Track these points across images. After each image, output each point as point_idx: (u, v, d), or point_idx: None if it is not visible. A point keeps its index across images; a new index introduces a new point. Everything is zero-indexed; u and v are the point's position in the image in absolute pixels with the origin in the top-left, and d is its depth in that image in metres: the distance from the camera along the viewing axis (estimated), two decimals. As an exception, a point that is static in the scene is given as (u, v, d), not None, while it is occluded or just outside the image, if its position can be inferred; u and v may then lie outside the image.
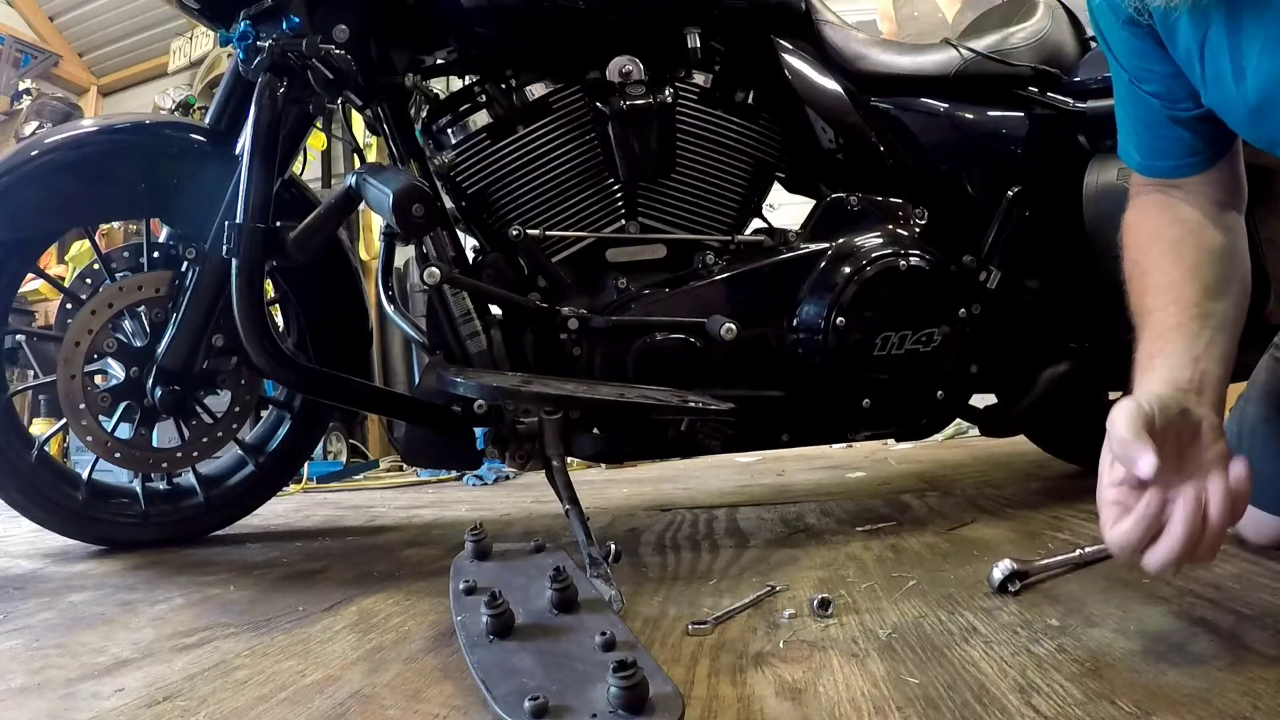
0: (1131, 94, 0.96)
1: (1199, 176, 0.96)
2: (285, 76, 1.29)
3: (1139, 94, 0.94)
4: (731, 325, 1.32)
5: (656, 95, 1.35)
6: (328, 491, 2.81)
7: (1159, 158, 0.97)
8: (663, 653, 0.85)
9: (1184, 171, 0.95)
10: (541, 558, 1.00)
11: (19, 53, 4.68)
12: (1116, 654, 0.75)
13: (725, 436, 1.41)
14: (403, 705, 0.75)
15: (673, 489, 2.20)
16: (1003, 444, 2.28)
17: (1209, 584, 0.93)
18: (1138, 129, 0.97)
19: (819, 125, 1.48)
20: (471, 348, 1.33)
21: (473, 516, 1.91)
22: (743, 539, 1.40)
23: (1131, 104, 0.97)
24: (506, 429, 1.30)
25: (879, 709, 0.68)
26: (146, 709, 0.77)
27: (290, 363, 1.35)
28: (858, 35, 1.53)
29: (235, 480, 1.69)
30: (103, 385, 1.53)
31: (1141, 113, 0.96)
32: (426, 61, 1.44)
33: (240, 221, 1.27)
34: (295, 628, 1.02)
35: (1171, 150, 0.95)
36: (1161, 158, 0.96)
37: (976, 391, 1.51)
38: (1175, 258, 0.92)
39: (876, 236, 1.42)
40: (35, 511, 1.52)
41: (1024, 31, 1.52)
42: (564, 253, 1.40)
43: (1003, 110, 1.50)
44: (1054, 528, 1.28)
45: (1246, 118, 0.83)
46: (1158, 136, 0.95)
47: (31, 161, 1.43)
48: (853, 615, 0.93)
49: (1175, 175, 0.96)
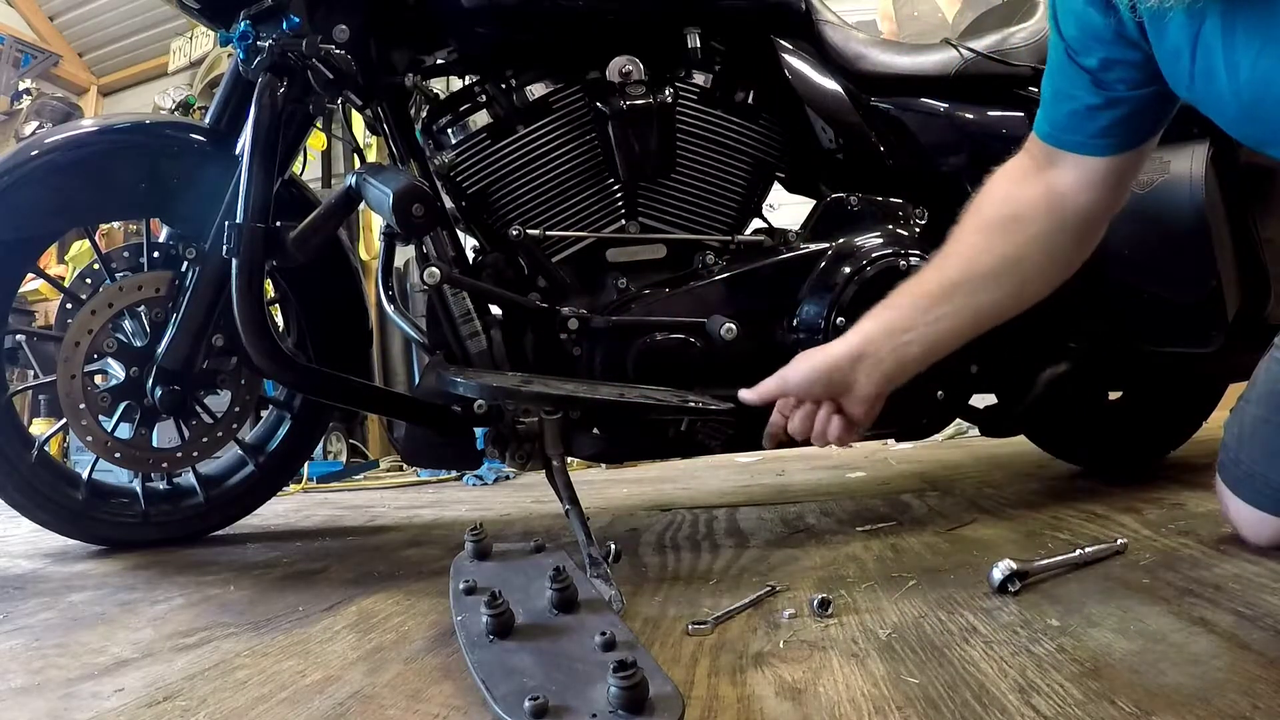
0: (1063, 63, 0.95)
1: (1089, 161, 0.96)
2: (285, 76, 1.29)
3: (1073, 67, 0.94)
4: (731, 325, 1.32)
5: (656, 95, 1.35)
6: (328, 491, 2.81)
7: (1066, 130, 0.97)
8: (663, 653, 0.85)
9: (1085, 149, 0.96)
10: (541, 558, 1.00)
11: (19, 53, 4.68)
12: (1116, 654, 0.75)
13: (725, 436, 1.41)
14: (403, 705, 0.75)
15: (673, 489, 2.20)
16: (1003, 444, 2.28)
17: (1209, 584, 0.93)
18: (1057, 99, 0.97)
19: (819, 125, 1.48)
20: (471, 348, 1.33)
21: (473, 516, 1.91)
22: (743, 539, 1.40)
23: (1059, 73, 0.97)
24: (506, 429, 1.30)
25: (879, 709, 0.68)
26: (146, 709, 0.77)
27: (290, 363, 1.35)
28: (858, 35, 1.53)
29: (235, 480, 1.68)
30: (103, 385, 1.53)
31: (1065, 84, 0.96)
32: (426, 61, 1.44)
33: (240, 221, 1.27)
34: (295, 628, 1.02)
35: (1080, 126, 0.95)
36: (1068, 131, 0.97)
37: (976, 391, 1.51)
38: (968, 235, 1.02)
39: (876, 236, 1.42)
40: (35, 511, 1.52)
41: (1024, 31, 1.52)
42: (564, 253, 1.40)
43: (1003, 110, 1.50)
44: (1054, 528, 1.28)
45: (1237, 116, 0.83)
46: (1073, 111, 0.96)
47: (31, 161, 1.43)
48: (853, 615, 0.93)
49: (1076, 150, 0.96)
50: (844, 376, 1.01)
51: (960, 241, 1.02)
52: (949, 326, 1.00)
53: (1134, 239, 1.31)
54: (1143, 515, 1.31)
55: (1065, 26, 0.93)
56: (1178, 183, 1.25)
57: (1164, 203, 1.26)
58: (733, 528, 1.52)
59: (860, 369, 1.01)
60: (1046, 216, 0.98)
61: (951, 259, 1.02)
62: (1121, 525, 1.25)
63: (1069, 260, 1.02)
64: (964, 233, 1.03)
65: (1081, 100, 0.94)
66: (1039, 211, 0.99)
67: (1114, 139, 0.95)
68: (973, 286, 1.00)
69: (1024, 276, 1.00)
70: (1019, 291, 1.01)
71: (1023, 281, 1.00)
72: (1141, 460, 1.82)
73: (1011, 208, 1.00)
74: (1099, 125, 0.94)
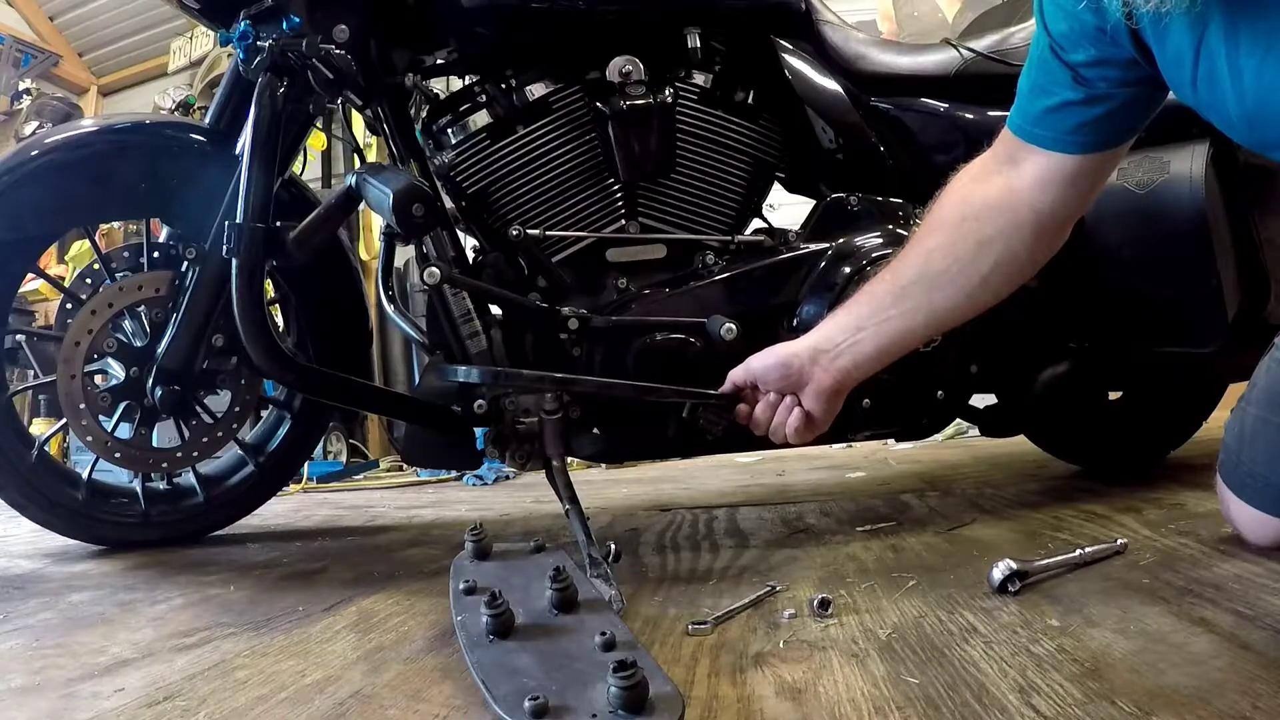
0: (1045, 58, 0.94)
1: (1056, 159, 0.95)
2: (285, 76, 1.29)
3: (1055, 62, 0.93)
4: (732, 325, 1.32)
5: (656, 95, 1.35)
6: (328, 491, 2.81)
7: (1039, 125, 0.96)
8: (663, 653, 0.85)
9: (1057, 145, 0.95)
10: (541, 558, 1.00)
11: (19, 53, 4.68)
12: (1116, 654, 0.75)
13: (726, 422, 1.40)
14: (403, 705, 0.75)
15: (673, 489, 2.20)
16: (1003, 444, 2.28)
17: (1209, 584, 0.93)
18: (1034, 93, 0.96)
19: (819, 125, 1.48)
20: (471, 348, 1.33)
21: (473, 516, 1.91)
22: (743, 539, 1.40)
23: (1038, 69, 0.96)
24: (506, 429, 1.30)
25: (879, 709, 0.68)
26: (146, 709, 0.77)
27: (290, 363, 1.35)
28: (858, 35, 1.53)
29: (235, 480, 1.68)
30: (103, 385, 1.53)
31: (1044, 79, 0.95)
32: (426, 61, 1.44)
33: (240, 221, 1.27)
34: (295, 628, 1.02)
35: (1055, 122, 0.95)
36: (1041, 125, 0.96)
37: (976, 391, 1.51)
38: (925, 234, 1.03)
39: (876, 236, 1.42)
40: (35, 511, 1.52)
41: (1024, 31, 1.52)
42: (564, 253, 1.40)
43: (1003, 110, 1.48)
44: (1054, 528, 1.28)
45: (1241, 120, 0.83)
46: (1048, 106, 0.95)
47: (31, 161, 1.43)
48: (853, 615, 0.93)
49: (1046, 146, 0.96)
50: (801, 368, 1.04)
51: (917, 241, 1.03)
52: (902, 326, 1.02)
53: (1134, 239, 1.31)
54: (1143, 515, 1.31)
55: (1053, 22, 0.93)
56: (1178, 183, 1.25)
57: (1164, 203, 1.26)
58: (733, 528, 1.52)
59: (817, 363, 1.03)
60: (1003, 215, 0.98)
61: (908, 258, 1.03)
62: (1121, 525, 1.25)
63: (1026, 262, 1.01)
64: (922, 232, 1.04)
65: (1059, 95, 0.93)
66: (995, 211, 0.98)
67: (1086, 137, 0.94)
68: (927, 285, 1.00)
69: (979, 277, 1.00)
70: (974, 292, 1.01)
71: (978, 282, 1.00)
72: (1141, 460, 1.82)
73: (969, 207, 1.00)
74: (1073, 122, 0.93)
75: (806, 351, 1.04)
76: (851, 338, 1.03)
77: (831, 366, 1.03)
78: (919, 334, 1.04)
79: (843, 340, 1.03)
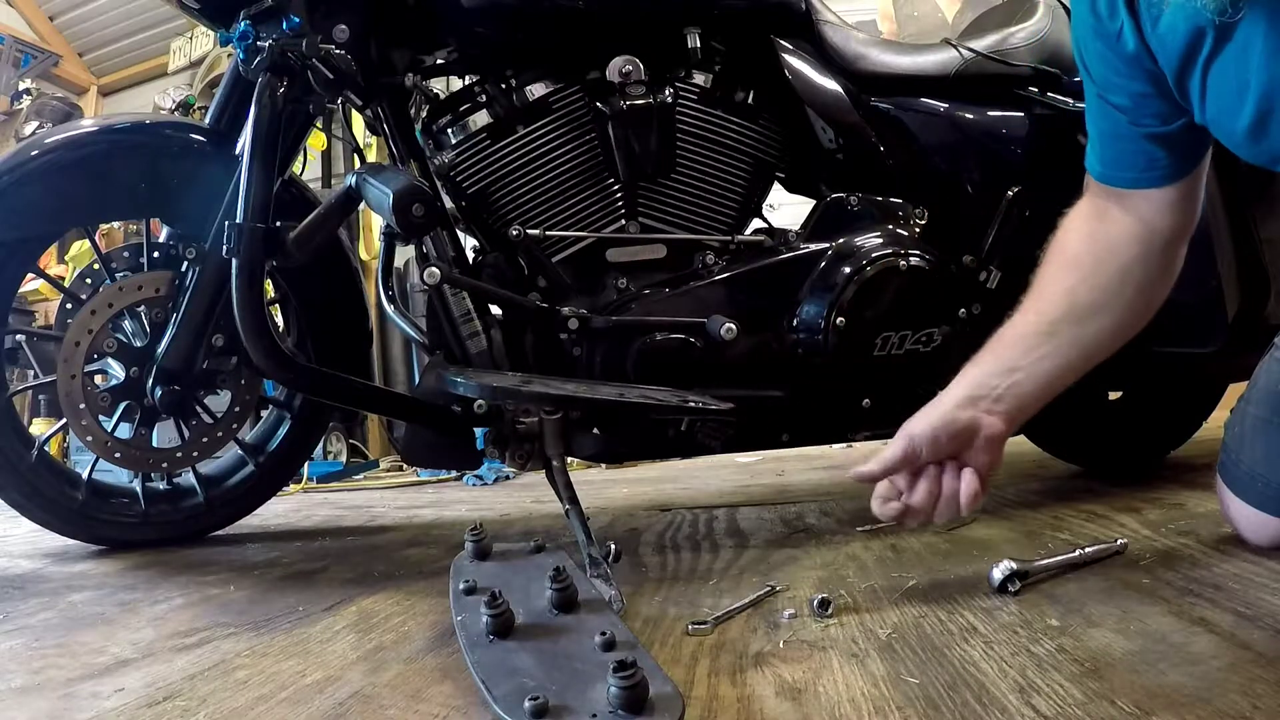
0: (1098, 104, 0.98)
1: (1151, 192, 0.98)
2: (285, 76, 1.29)
3: (1105, 105, 0.96)
4: (731, 325, 1.31)
5: (656, 95, 1.35)
6: (328, 491, 2.81)
7: (1117, 169, 0.99)
8: (663, 653, 0.85)
9: (1141, 184, 0.98)
10: (541, 558, 1.00)
11: (19, 53, 4.68)
12: (1116, 654, 0.75)
13: (725, 436, 1.41)
14: (403, 705, 0.75)
15: (673, 489, 2.20)
16: (1003, 444, 2.28)
17: (1209, 584, 0.93)
18: (1102, 139, 0.99)
19: (819, 125, 1.48)
20: (471, 348, 1.33)
21: (473, 516, 1.91)
22: (743, 539, 1.40)
23: (1098, 114, 0.99)
24: (506, 429, 1.30)
25: (879, 709, 0.68)
26: (146, 709, 0.77)
27: (290, 363, 1.35)
28: (858, 35, 1.53)
29: (235, 480, 1.68)
30: (103, 385, 1.53)
31: (1106, 124, 0.98)
32: (426, 61, 1.44)
33: (240, 221, 1.27)
34: (295, 628, 1.02)
35: (1130, 163, 0.98)
36: (1119, 169, 0.99)
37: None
38: (1062, 273, 1.03)
39: (876, 236, 1.42)
40: (35, 511, 1.52)
41: (1024, 31, 1.52)
42: (564, 253, 1.40)
43: (1003, 110, 1.50)
44: (1054, 528, 1.28)
45: (1246, 133, 0.84)
46: (1119, 150, 0.98)
47: (31, 161, 1.43)
48: (853, 615, 0.93)
49: (1132, 187, 0.99)
50: (967, 420, 0.97)
51: (1054, 281, 1.03)
52: (1059, 363, 1.00)
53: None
54: (1143, 515, 1.31)
55: (1092, 66, 0.95)
56: (1178, 183, 1.25)
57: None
58: (733, 528, 1.52)
59: (979, 409, 0.98)
60: (1135, 243, 0.99)
61: (1048, 298, 1.02)
62: (1121, 525, 1.25)
63: (1162, 284, 1.03)
64: (1056, 272, 1.03)
65: (1125, 139, 0.96)
66: (1127, 240, 1.00)
67: (1165, 170, 0.96)
68: (1076, 319, 1.00)
69: (1124, 305, 1.01)
70: (1121, 320, 1.02)
71: (1124, 310, 1.01)
72: (1141, 460, 1.82)
73: (1099, 242, 1.01)
74: (1146, 160, 0.96)
75: (964, 401, 0.98)
76: (1007, 379, 0.99)
77: (996, 410, 0.98)
78: (1075, 368, 1.01)
79: (998, 384, 0.98)
